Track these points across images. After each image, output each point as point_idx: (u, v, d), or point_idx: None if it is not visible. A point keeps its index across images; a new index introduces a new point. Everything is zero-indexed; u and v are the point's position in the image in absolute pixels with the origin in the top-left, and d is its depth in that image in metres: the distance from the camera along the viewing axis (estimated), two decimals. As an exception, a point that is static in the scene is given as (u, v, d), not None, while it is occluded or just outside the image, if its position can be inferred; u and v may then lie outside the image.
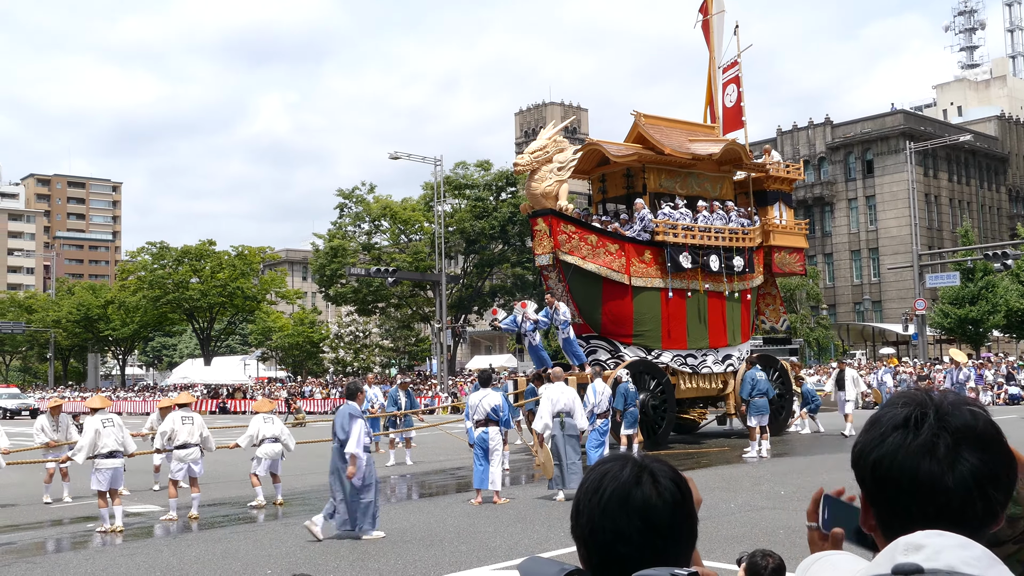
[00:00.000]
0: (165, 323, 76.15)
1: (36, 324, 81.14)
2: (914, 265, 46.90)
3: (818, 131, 69.91)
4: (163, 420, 13.90)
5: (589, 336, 20.05)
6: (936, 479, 1.39)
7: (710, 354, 21.02)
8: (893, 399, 1.50)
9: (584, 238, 19.35)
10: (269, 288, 72.53)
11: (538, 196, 18.92)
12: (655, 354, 20.05)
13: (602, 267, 19.40)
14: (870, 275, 67.65)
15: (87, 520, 13.12)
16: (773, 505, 12.00)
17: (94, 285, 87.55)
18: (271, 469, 13.83)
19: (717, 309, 21.20)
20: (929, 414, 1.43)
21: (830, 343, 56.37)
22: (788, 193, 23.74)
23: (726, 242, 21.11)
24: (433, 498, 14.92)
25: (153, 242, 70.20)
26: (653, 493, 1.51)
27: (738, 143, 21.93)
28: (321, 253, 60.59)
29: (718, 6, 23.59)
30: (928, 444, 1.40)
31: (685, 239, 20.32)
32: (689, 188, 21.50)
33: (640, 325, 19.95)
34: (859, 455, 1.48)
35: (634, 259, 19.85)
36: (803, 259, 24.08)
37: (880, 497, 1.45)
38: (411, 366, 70.85)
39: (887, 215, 66.18)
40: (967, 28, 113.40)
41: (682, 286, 20.55)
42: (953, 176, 70.20)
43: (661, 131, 21.17)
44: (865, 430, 1.48)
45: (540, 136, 19.22)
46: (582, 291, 19.45)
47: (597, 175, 22.09)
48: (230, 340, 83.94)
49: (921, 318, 45.68)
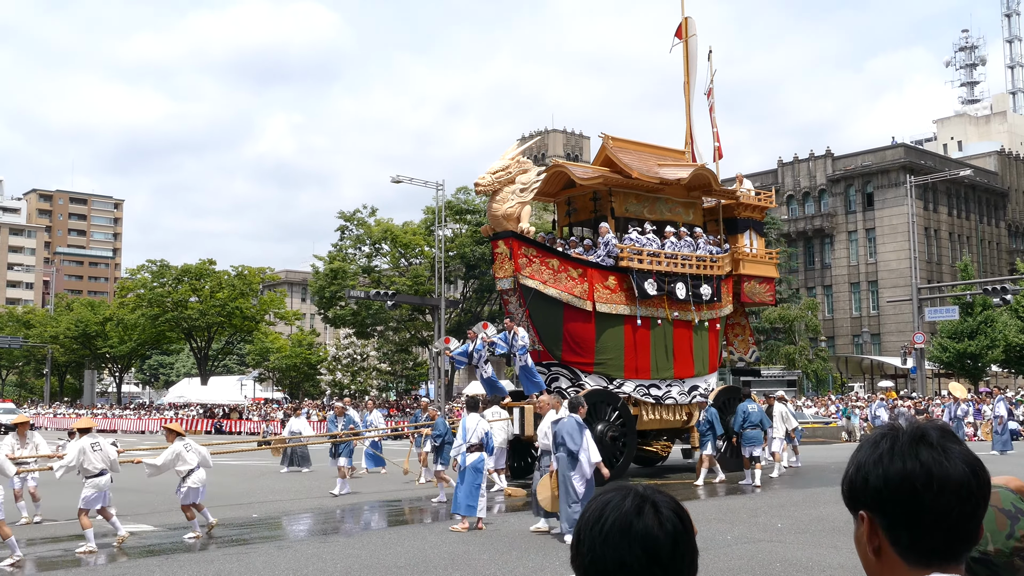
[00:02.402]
0: (163, 341, 76.08)
1: (34, 339, 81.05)
2: (913, 298, 46.91)
3: (819, 163, 70.18)
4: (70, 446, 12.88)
5: (550, 363, 19.30)
6: (937, 464, 1.50)
7: (675, 385, 20.42)
8: (866, 436, 1.66)
9: (546, 262, 18.77)
10: (268, 309, 72.55)
11: (499, 218, 18.36)
12: (617, 383, 19.42)
13: (563, 292, 18.82)
14: (869, 308, 67.67)
15: (57, 540, 12.98)
16: (770, 538, 11.93)
17: (93, 302, 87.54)
18: (194, 499, 13.02)
19: (683, 338, 20.59)
20: (902, 429, 1.58)
21: (828, 375, 56.26)
22: (759, 221, 23.24)
23: (694, 270, 20.60)
24: (419, 525, 14.82)
25: (153, 260, 70.38)
26: (655, 523, 1.52)
27: (707, 168, 21.50)
28: (321, 275, 60.63)
29: (692, 30, 23.32)
30: (919, 436, 1.54)
31: (651, 265, 19.80)
32: (658, 213, 21.01)
33: (602, 353, 19.30)
34: (856, 471, 1.58)
35: (598, 285, 19.26)
36: (773, 289, 23.49)
37: (889, 501, 1.52)
38: (408, 390, 70.69)
39: (887, 248, 66.31)
40: (968, 64, 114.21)
41: (647, 314, 19.91)
42: (953, 210, 70.40)
43: (630, 155, 20.75)
44: (852, 456, 1.60)
45: (503, 156, 18.67)
46: (543, 317, 18.82)
47: (564, 198, 21.58)
48: (227, 360, 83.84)
49: (920, 352, 45.64)
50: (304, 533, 14.06)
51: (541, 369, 19.09)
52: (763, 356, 56.72)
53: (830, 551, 10.70)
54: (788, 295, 61.99)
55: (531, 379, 18.51)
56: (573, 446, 11.56)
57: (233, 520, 14.73)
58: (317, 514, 15.98)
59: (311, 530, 14.35)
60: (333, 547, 11.85)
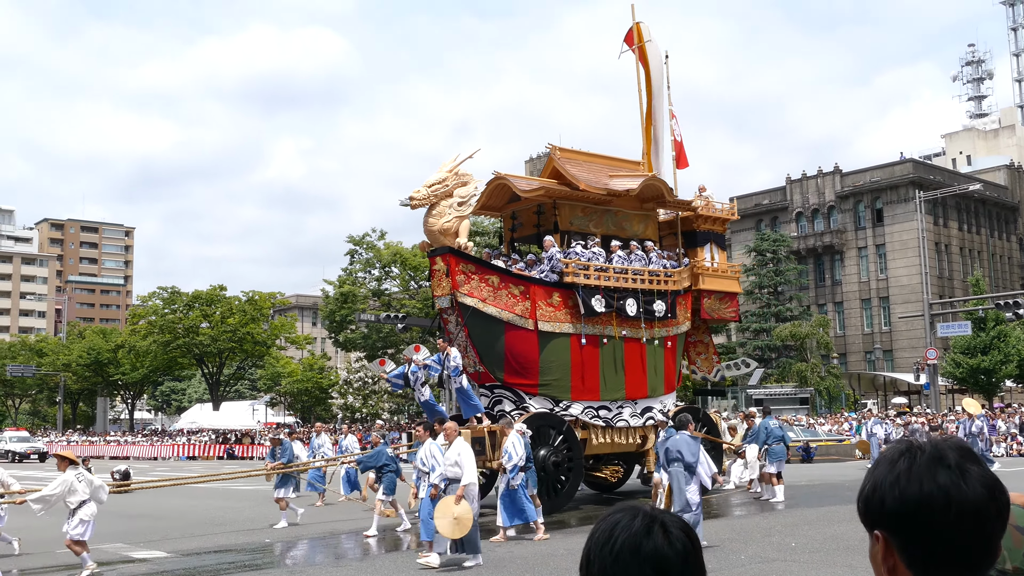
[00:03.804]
0: (175, 367, 76.25)
1: (46, 368, 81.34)
2: (925, 314, 46.76)
3: (827, 179, 70.15)
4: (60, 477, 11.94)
5: (493, 386, 18.23)
6: (955, 487, 1.48)
7: (627, 406, 19.30)
8: (883, 453, 1.63)
9: (485, 279, 17.75)
10: (279, 333, 72.68)
11: (436, 233, 17.41)
12: (564, 405, 18.33)
13: (504, 310, 17.75)
14: (881, 324, 67.42)
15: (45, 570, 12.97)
16: (784, 557, 11.85)
17: (105, 329, 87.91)
18: (84, 534, 11.71)
19: (636, 357, 19.49)
20: (920, 448, 1.56)
21: (841, 393, 56.01)
22: (721, 234, 22.09)
23: (645, 285, 19.49)
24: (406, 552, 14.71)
25: (164, 287, 70.63)
26: (664, 543, 1.54)
27: (659, 179, 20.35)
28: (331, 299, 60.77)
29: (646, 35, 22.08)
30: (938, 457, 1.52)
31: (599, 280, 18.68)
32: (607, 227, 19.93)
33: (547, 374, 18.20)
34: (872, 490, 1.56)
35: (541, 302, 18.21)
36: (736, 305, 22.19)
37: (905, 523, 1.50)
38: (420, 413, 70.58)
39: (897, 264, 66.13)
40: (975, 78, 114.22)
41: (595, 332, 18.82)
42: (963, 225, 70.22)
43: (580, 166, 19.81)
44: (868, 474, 1.59)
45: (441, 167, 17.67)
46: (483, 336, 17.71)
47: (509, 212, 20.53)
48: (239, 385, 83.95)
49: (933, 368, 45.41)
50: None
51: (484, 392, 18.30)
52: (775, 374, 56.54)
53: (844, 570, 10.63)
54: (799, 312, 61.83)
55: (468, 402, 17.62)
56: (691, 459, 12.63)
57: (244, 545, 14.69)
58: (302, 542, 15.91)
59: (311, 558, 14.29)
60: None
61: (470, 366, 18.00)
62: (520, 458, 14.10)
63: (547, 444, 17.43)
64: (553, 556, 12.57)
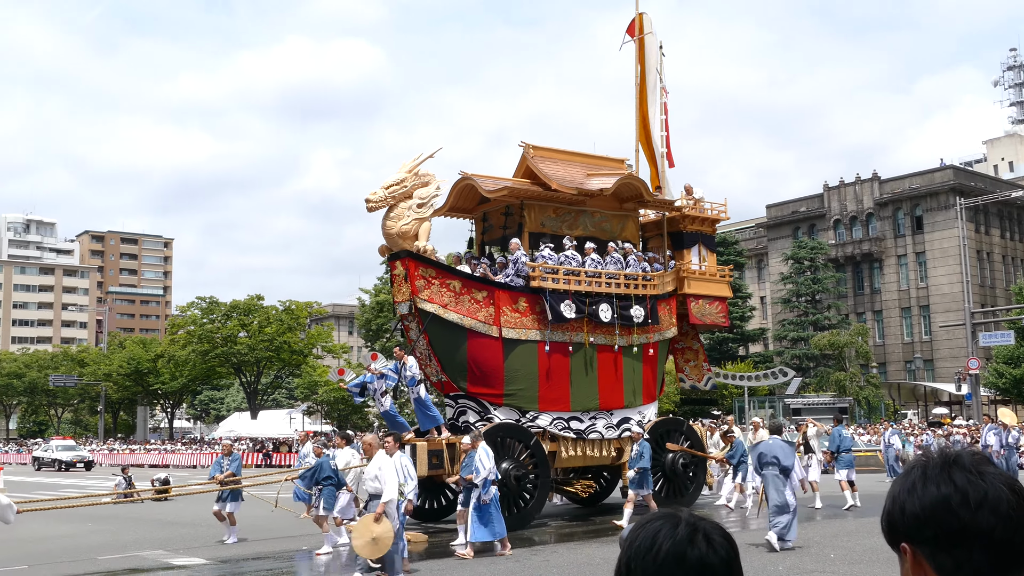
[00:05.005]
0: (213, 377, 77.07)
1: (88, 377, 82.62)
2: (966, 323, 46.04)
3: (865, 187, 69.40)
4: None
5: (456, 395, 17.48)
6: (972, 484, 1.49)
7: (601, 417, 18.28)
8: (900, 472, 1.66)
9: (446, 283, 16.88)
10: (316, 342, 73.16)
11: (394, 236, 16.68)
12: (530, 416, 17.43)
13: (465, 317, 16.90)
14: (921, 333, 66.48)
15: None
16: (822, 568, 11.73)
17: (144, 339, 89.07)
18: None
19: (609, 366, 18.43)
20: (933, 456, 1.57)
21: (880, 402, 55.29)
22: (710, 235, 21.04)
23: (621, 289, 18.43)
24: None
25: (203, 297, 71.43)
26: (708, 551, 1.55)
27: (637, 178, 19.44)
28: (367, 308, 61.11)
29: (647, 27, 21.28)
30: (951, 460, 1.53)
31: (568, 285, 17.72)
32: (583, 228, 18.90)
33: (512, 383, 17.28)
34: (892, 504, 1.56)
35: (505, 308, 17.31)
36: (726, 309, 21.12)
37: (927, 526, 1.50)
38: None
39: (938, 272, 65.23)
40: (1017, 83, 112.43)
41: (564, 339, 17.86)
42: (1006, 233, 69.14)
43: (555, 164, 18.84)
44: (887, 494, 1.60)
45: (400, 168, 16.90)
46: (444, 344, 16.87)
47: (480, 214, 19.64)
48: (276, 394, 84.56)
49: (975, 378, 44.68)
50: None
51: (448, 402, 17.70)
52: (813, 383, 55.96)
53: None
54: (837, 321, 61.18)
55: (426, 412, 16.89)
56: (788, 462, 13.49)
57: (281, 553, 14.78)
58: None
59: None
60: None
61: (432, 375, 17.42)
62: (489, 471, 13.54)
63: (510, 457, 16.58)
64: (590, 564, 12.56)
